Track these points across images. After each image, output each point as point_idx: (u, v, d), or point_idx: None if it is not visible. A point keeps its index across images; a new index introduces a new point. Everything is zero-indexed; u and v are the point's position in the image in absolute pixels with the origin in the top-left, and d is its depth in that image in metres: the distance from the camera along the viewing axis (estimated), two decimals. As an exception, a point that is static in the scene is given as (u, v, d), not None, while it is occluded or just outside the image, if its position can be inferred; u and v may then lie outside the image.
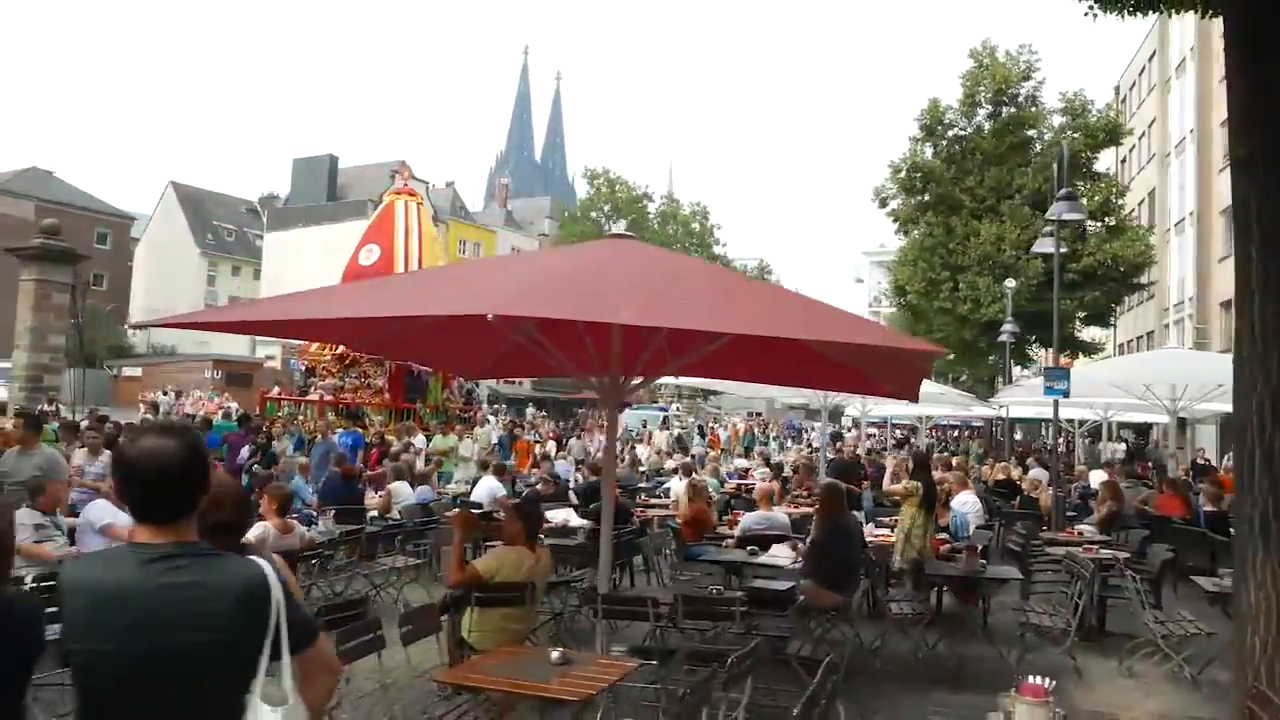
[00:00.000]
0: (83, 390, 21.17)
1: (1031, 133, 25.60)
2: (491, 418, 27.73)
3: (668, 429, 33.64)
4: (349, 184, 55.83)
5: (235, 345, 51.45)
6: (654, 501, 10.95)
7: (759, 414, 61.39)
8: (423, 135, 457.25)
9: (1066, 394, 10.44)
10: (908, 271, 25.53)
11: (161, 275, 57.49)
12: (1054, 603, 7.26)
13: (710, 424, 38.15)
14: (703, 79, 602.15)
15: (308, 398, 19.96)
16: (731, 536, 8.09)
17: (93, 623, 1.65)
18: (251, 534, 5.40)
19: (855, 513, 8.57)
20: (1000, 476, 13.52)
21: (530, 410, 38.60)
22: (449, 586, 5.13)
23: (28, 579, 5.48)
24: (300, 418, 19.54)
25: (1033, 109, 25.60)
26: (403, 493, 9.84)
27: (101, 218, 59.97)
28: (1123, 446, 26.19)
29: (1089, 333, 31.13)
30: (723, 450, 28.86)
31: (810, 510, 8.54)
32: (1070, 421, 21.36)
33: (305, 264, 52.35)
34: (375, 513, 9.30)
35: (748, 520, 8.20)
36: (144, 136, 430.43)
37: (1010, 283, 22.27)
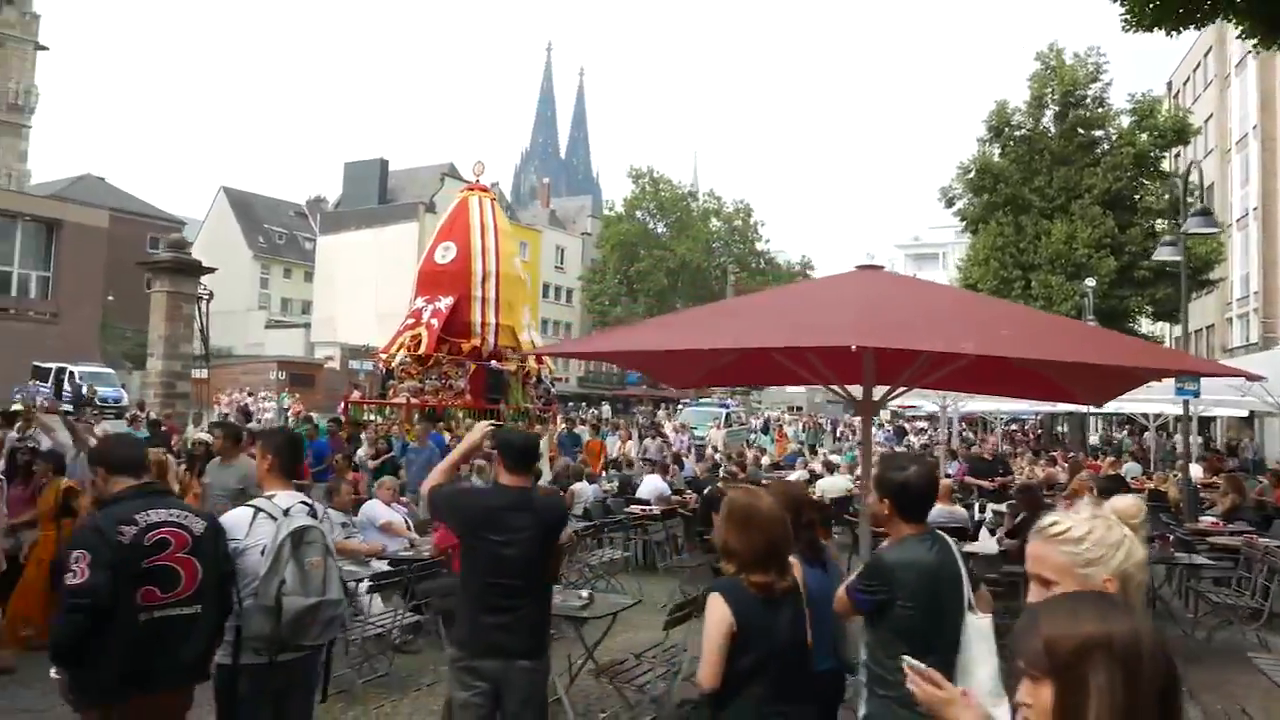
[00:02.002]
0: (207, 390, 22.08)
1: (1099, 133, 26.11)
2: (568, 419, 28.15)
3: (729, 426, 34.18)
4: (399, 187, 56.80)
5: (294, 346, 52.64)
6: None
7: (799, 408, 62.05)
8: (451, 134, 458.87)
9: (1197, 394, 11.08)
10: (979, 270, 26.11)
11: (216, 278, 58.62)
12: (1231, 587, 7.95)
13: (779, 420, 38.58)
14: (724, 71, 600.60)
15: (393, 400, 19.94)
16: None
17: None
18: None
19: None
20: (1110, 472, 14.14)
21: (606, 408, 39.25)
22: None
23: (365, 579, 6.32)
24: (379, 420, 19.26)
25: (1100, 110, 26.11)
26: (585, 493, 10.64)
27: (153, 223, 61.34)
28: (1197, 440, 26.64)
29: (1146, 327, 31.57)
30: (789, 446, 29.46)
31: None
32: (1145, 416, 21.91)
33: (357, 266, 53.47)
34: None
35: (931, 516, 8.91)
36: (191, 142, 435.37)
37: (1090, 281, 22.84)
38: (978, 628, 2.76)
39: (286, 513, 3.22)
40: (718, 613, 2.57)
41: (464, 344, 21.54)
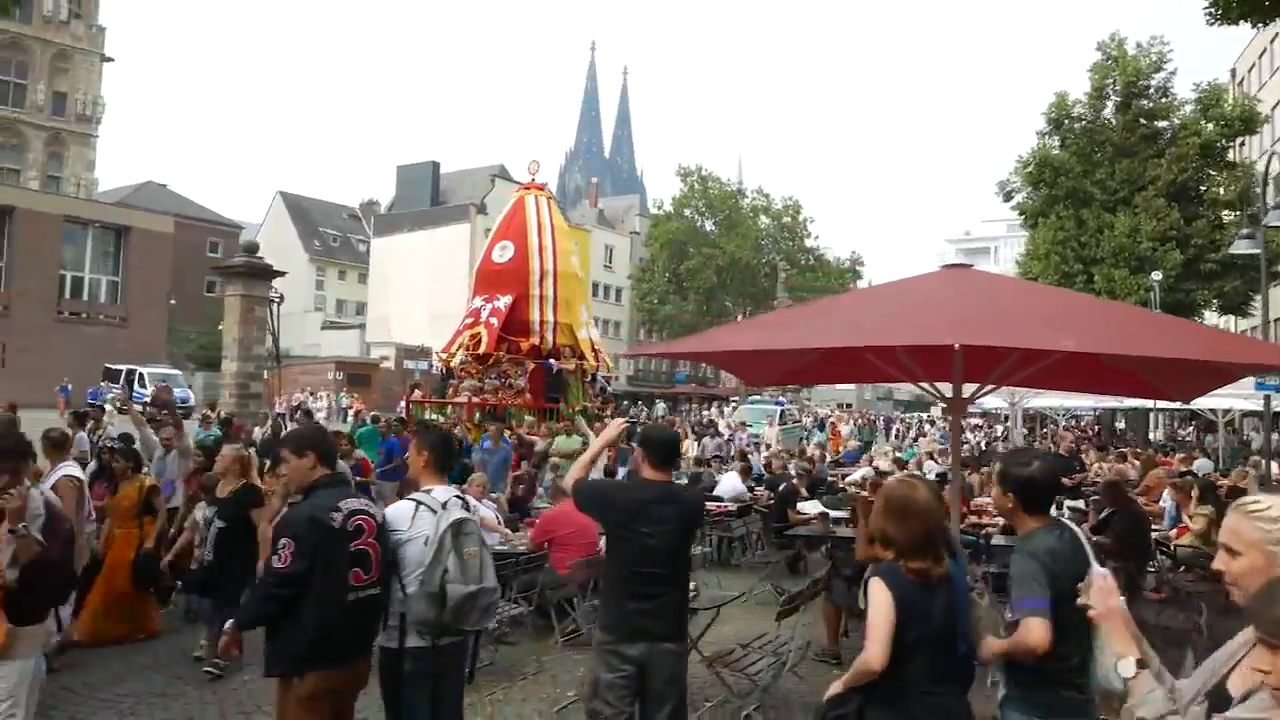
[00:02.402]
0: (279, 386, 22.59)
1: (1163, 124, 25.61)
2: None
3: (783, 423, 34.08)
4: (450, 188, 57.59)
5: (349, 347, 53.71)
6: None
7: (849, 405, 61.63)
8: (498, 136, 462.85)
9: (1279, 389, 10.92)
10: (1040, 265, 25.77)
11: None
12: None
13: (832, 417, 38.36)
14: (768, 66, 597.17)
15: (455, 400, 20.03)
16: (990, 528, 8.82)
17: None
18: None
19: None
20: (1182, 469, 13.97)
21: (660, 406, 39.44)
22: (859, 558, 6.03)
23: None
24: (441, 419, 19.43)
25: (1164, 100, 25.61)
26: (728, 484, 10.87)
27: (213, 227, 62.99)
28: (1255, 435, 26.04)
29: (1211, 320, 30.87)
30: (845, 444, 29.31)
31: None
32: (1213, 411, 21.49)
33: (411, 267, 54.36)
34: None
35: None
36: (247, 148, 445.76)
37: (1157, 275, 22.45)
38: None
39: (444, 506, 3.45)
40: (881, 596, 2.72)
41: (523, 342, 21.64)
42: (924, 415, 55.58)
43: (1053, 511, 3.59)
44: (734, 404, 47.37)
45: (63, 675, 5.70)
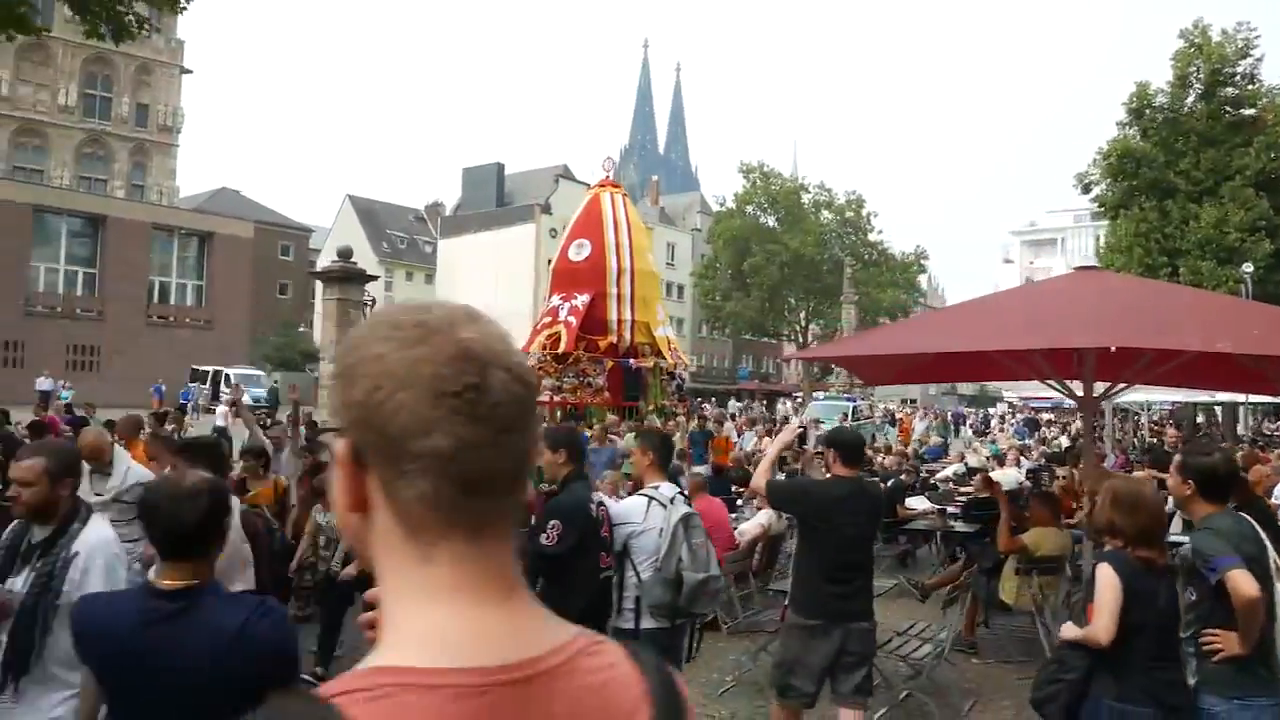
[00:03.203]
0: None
1: (1250, 112, 25.02)
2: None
3: (855, 420, 33.86)
4: (515, 189, 58.45)
5: (416, 346, 54.78)
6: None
7: (913, 400, 61.00)
8: (556, 136, 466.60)
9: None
10: (1121, 258, 25.38)
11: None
12: None
13: (904, 414, 38.10)
14: (822, 59, 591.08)
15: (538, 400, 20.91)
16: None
17: None
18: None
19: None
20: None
21: (733, 404, 39.64)
22: (1001, 551, 6.26)
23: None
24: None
25: (1251, 87, 25.03)
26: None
27: (283, 231, 64.81)
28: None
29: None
30: (916, 441, 29.17)
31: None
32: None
33: (477, 267, 55.34)
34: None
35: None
36: (313, 153, 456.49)
37: (1248, 267, 22.01)
38: None
39: (672, 501, 3.82)
40: (1109, 579, 3.00)
41: (600, 341, 21.80)
42: (990, 410, 54.91)
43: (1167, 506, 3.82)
44: (798, 400, 47.28)
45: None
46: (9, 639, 2.77)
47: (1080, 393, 7.01)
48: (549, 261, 55.71)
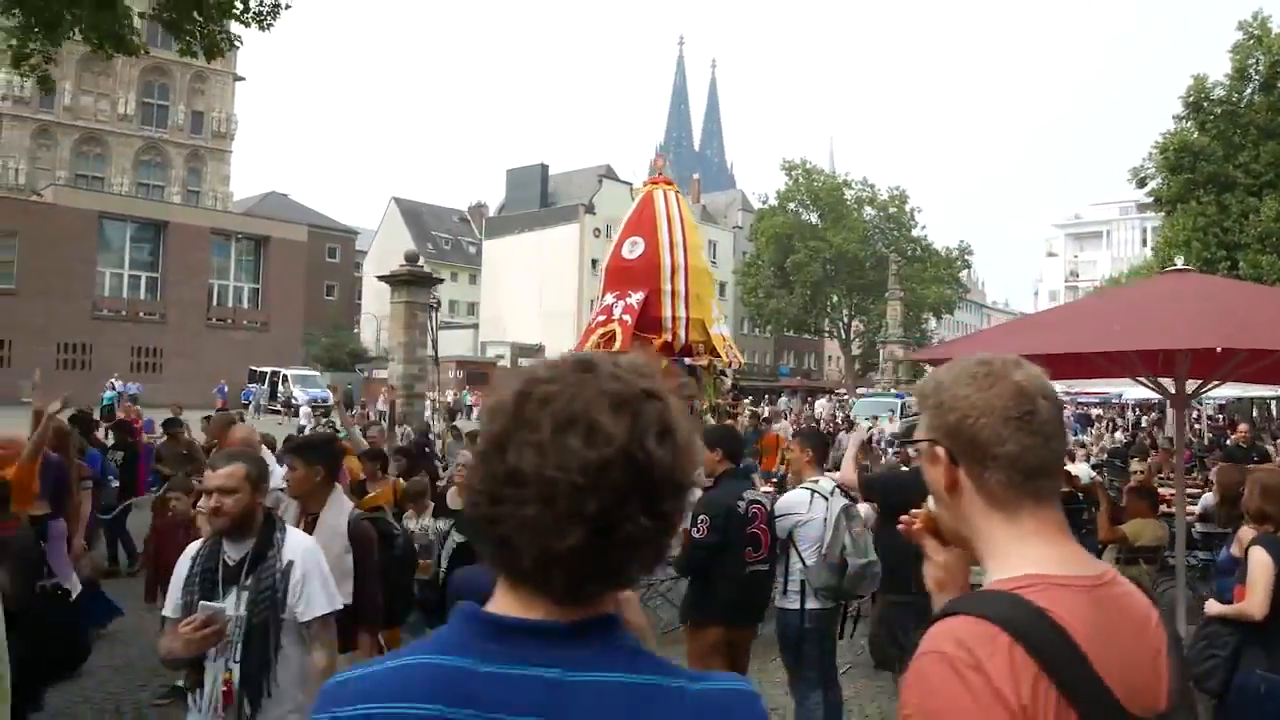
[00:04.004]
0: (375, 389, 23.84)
1: (1312, 102, 24.72)
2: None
3: (904, 416, 33.72)
4: (558, 190, 59.07)
5: (464, 346, 55.74)
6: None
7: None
8: (594, 134, 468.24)
9: None
10: (1180, 253, 25.23)
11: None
12: None
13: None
14: (857, 53, 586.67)
15: None
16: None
17: None
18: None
19: None
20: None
21: (783, 400, 39.87)
22: (1100, 541, 6.53)
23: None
24: None
25: (1313, 77, 24.72)
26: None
27: (329, 233, 66.07)
28: None
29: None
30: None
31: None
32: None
33: (522, 268, 56.08)
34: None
35: (1204, 502, 9.25)
36: (355, 156, 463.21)
37: (1311, 261, 21.89)
38: None
39: (831, 494, 4.19)
40: (1263, 560, 3.33)
41: (655, 339, 22.17)
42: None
43: None
44: (843, 396, 47.27)
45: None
46: (241, 662, 2.66)
47: (1173, 390, 7.25)
48: (593, 261, 56.56)
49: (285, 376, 37.89)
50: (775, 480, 11.76)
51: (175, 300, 40.44)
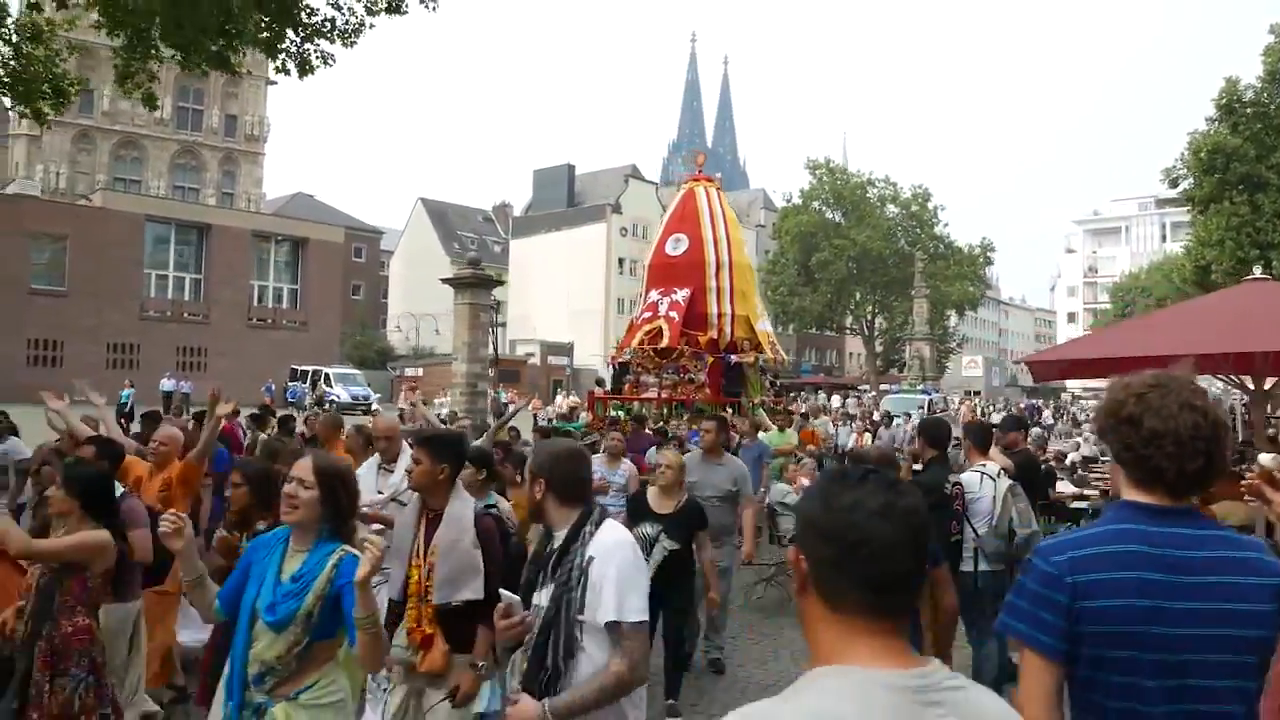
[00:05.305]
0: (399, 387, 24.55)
1: (1343, 104, 25.29)
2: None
3: (933, 413, 34.21)
4: (584, 190, 59.85)
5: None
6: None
7: (977, 392, 61.16)
8: (604, 130, 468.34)
9: None
10: (1212, 252, 25.86)
11: (418, 284, 63.58)
12: None
13: (965, 404, 38.46)
14: (870, 47, 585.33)
15: (645, 396, 19.80)
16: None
17: None
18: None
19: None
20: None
21: (822, 396, 40.50)
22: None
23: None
24: (624, 416, 19.99)
25: (1344, 78, 25.28)
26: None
27: (355, 233, 66.99)
28: None
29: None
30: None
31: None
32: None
33: (550, 267, 56.88)
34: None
35: None
36: (380, 155, 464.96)
37: (1344, 260, 22.47)
38: None
39: (997, 475, 4.96)
40: None
41: (700, 336, 22.29)
42: (1041, 401, 54.99)
43: None
44: (865, 391, 47.85)
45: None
46: (532, 657, 2.56)
47: (1252, 386, 8.01)
48: (620, 260, 57.30)
49: (327, 375, 38.75)
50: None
51: (218, 301, 41.40)
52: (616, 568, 2.49)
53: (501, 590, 2.62)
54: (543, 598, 2.57)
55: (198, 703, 4.23)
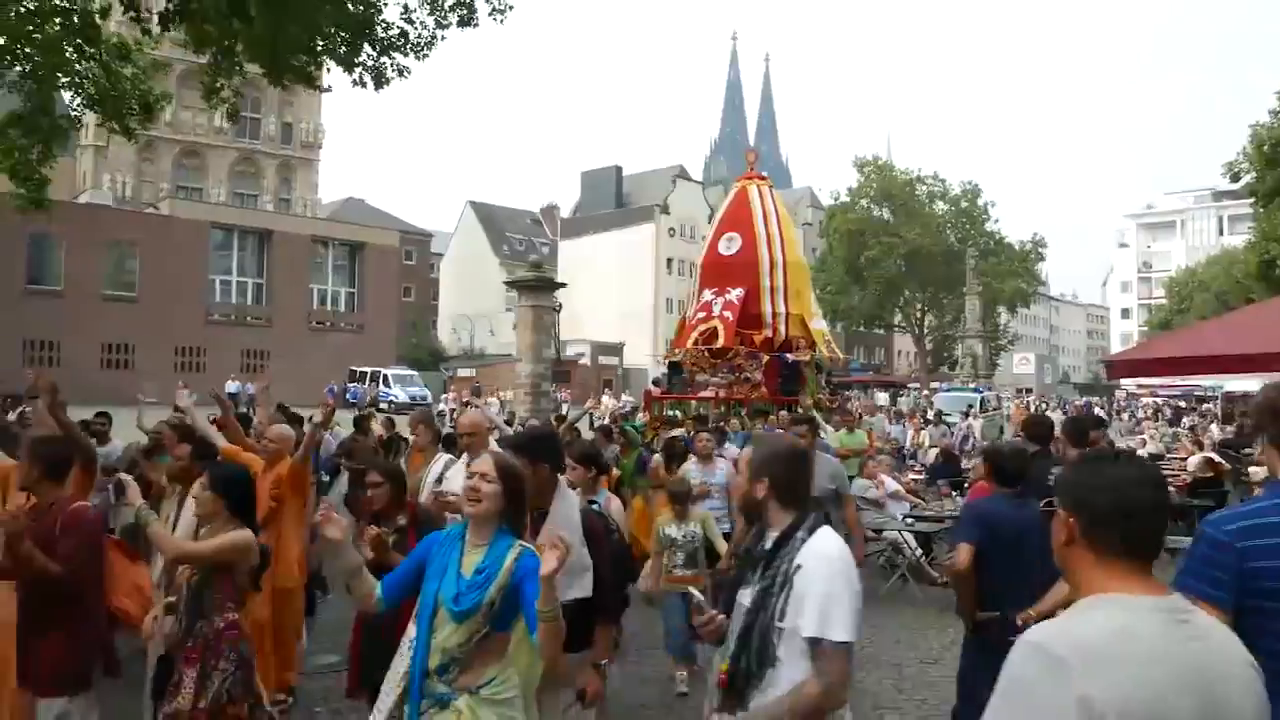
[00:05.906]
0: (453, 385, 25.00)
1: None
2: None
3: (984, 411, 33.69)
4: (632, 191, 60.31)
5: (543, 345, 57.24)
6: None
7: (1029, 390, 60.42)
8: (647, 129, 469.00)
9: None
10: (1277, 246, 25.51)
11: (468, 285, 64.58)
12: None
13: (1017, 404, 38.01)
14: (915, 42, 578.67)
15: (703, 395, 18.84)
16: None
17: None
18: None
19: None
20: None
21: (877, 394, 40.49)
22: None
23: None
24: (681, 415, 20.07)
25: None
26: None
27: (405, 236, 68.15)
28: None
29: None
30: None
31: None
32: None
33: (599, 268, 57.40)
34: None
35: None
36: (429, 158, 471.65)
37: None
38: None
39: None
40: None
41: (755, 335, 22.36)
42: (1098, 400, 54.18)
43: None
44: (916, 389, 47.58)
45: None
46: (733, 659, 2.50)
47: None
48: (669, 260, 57.62)
49: (386, 376, 39.61)
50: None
51: (280, 305, 42.53)
52: (825, 580, 2.39)
53: (690, 589, 2.73)
54: (745, 597, 2.53)
55: (347, 695, 4.42)
